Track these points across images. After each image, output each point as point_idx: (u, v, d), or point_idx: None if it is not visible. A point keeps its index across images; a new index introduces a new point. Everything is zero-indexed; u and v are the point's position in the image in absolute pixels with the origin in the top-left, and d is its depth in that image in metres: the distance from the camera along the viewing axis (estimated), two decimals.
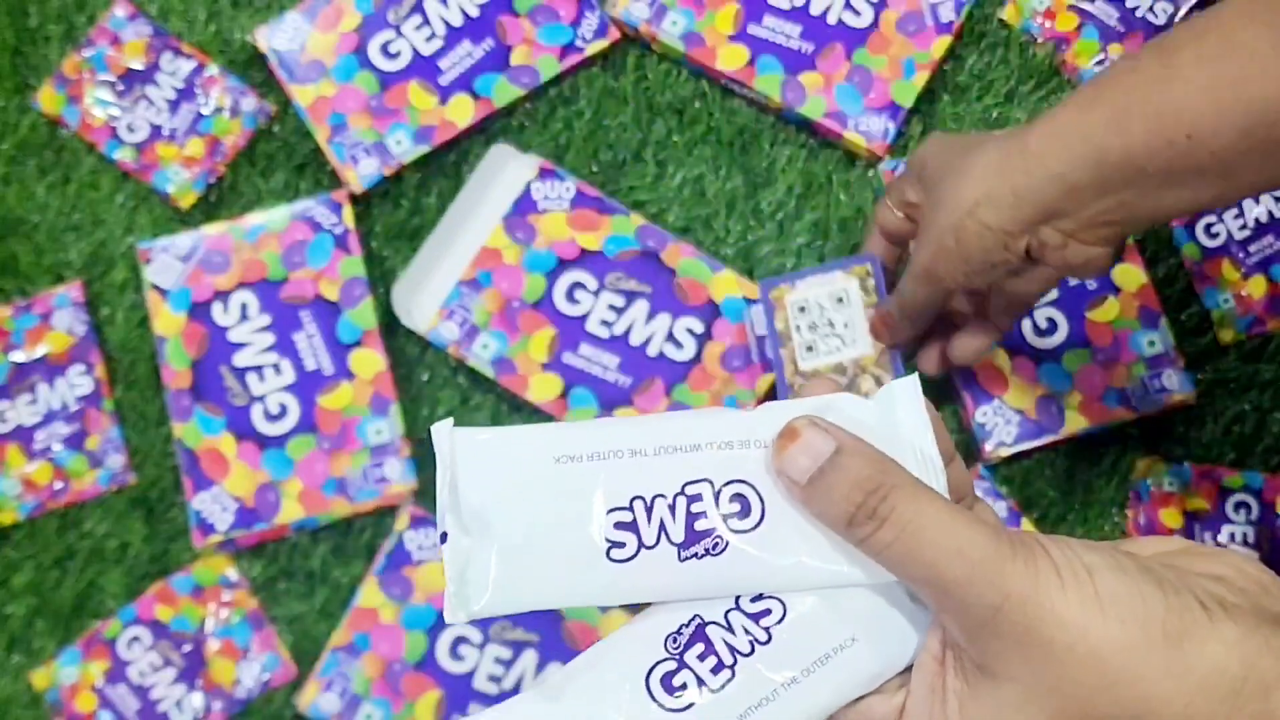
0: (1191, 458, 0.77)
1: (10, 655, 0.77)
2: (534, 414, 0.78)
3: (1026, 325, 0.77)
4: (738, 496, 0.34)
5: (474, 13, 0.82)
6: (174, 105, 0.82)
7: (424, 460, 0.78)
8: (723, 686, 0.33)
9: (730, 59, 0.81)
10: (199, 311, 0.78)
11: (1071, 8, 0.83)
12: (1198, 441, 0.77)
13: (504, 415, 0.79)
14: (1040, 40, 0.83)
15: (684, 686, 0.33)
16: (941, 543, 0.31)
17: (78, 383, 0.79)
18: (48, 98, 0.82)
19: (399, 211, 0.81)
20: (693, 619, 0.34)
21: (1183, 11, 0.82)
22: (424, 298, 0.78)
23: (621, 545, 0.33)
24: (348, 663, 0.74)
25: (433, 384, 0.79)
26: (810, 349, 0.71)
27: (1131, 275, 0.78)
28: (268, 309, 0.78)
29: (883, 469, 0.32)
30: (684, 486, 0.34)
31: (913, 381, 0.35)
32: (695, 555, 0.33)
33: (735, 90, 0.82)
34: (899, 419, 0.35)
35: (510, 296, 0.77)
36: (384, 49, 0.82)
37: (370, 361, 0.77)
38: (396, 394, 0.77)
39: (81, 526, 0.78)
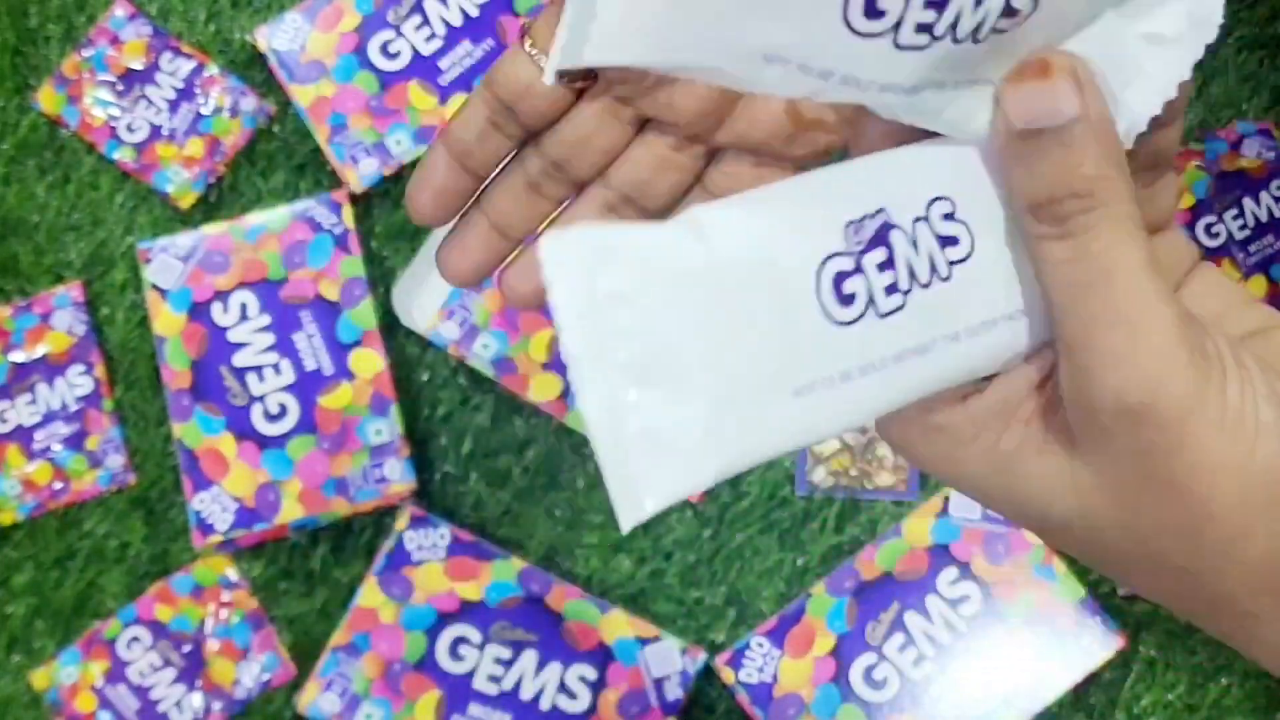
0: None
1: (10, 655, 0.77)
2: (534, 414, 0.78)
3: None
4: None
5: (474, 13, 0.82)
6: (174, 105, 0.82)
7: (423, 460, 0.78)
8: (889, 313, 0.27)
9: None
10: (199, 311, 0.78)
11: None
12: None
13: (504, 415, 0.79)
14: None
15: (853, 298, 0.26)
16: (1117, 302, 0.25)
17: (77, 383, 0.79)
18: (48, 98, 0.82)
19: (399, 212, 0.81)
20: (879, 211, 0.27)
21: None
22: (424, 298, 0.78)
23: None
24: (347, 663, 0.74)
25: (433, 384, 0.79)
26: None
27: None
28: (268, 309, 0.78)
29: (1110, 173, 0.25)
30: None
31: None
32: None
33: None
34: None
35: None
36: (384, 49, 0.82)
37: (370, 361, 0.77)
38: (396, 394, 0.77)
39: (81, 526, 0.78)
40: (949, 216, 0.27)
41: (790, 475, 0.78)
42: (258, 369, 0.77)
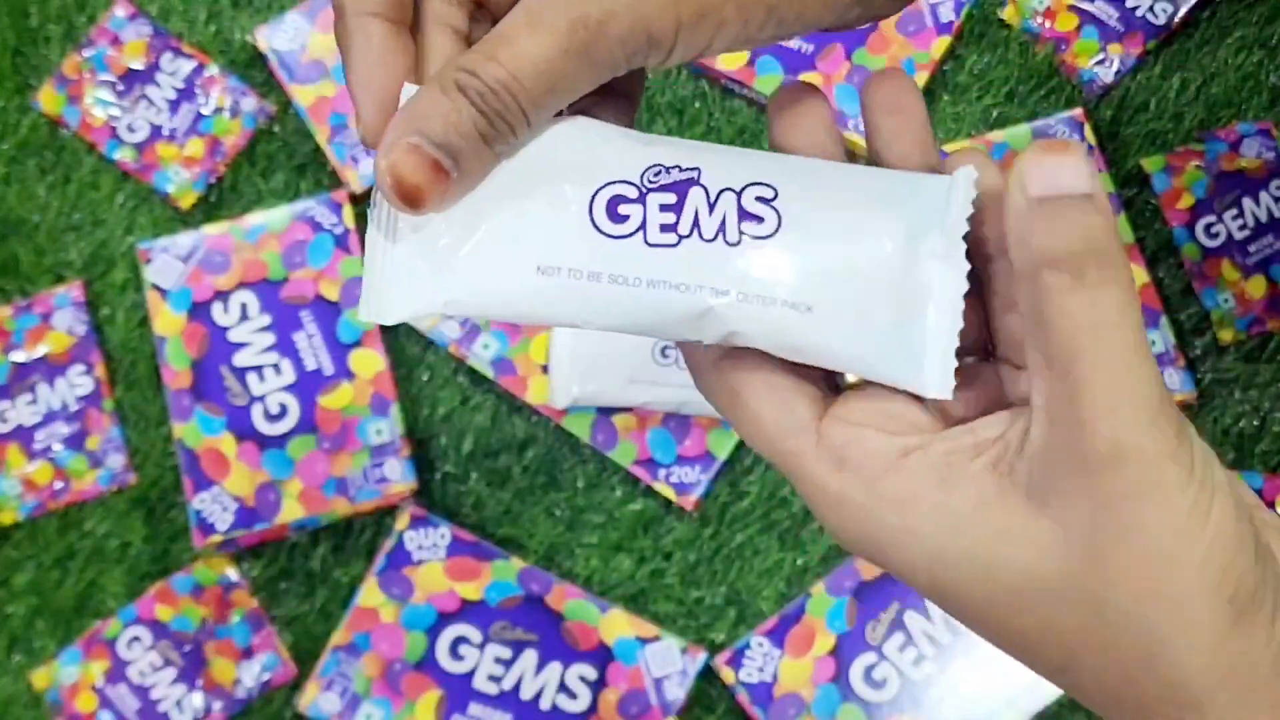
0: None
1: (11, 655, 0.77)
2: (534, 414, 0.78)
3: None
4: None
5: None
6: (174, 105, 0.82)
7: (424, 460, 0.78)
8: (658, 245, 0.30)
9: (730, 59, 0.81)
10: (199, 311, 0.78)
11: (1071, 8, 0.83)
12: None
13: (504, 415, 0.79)
14: (1040, 40, 0.83)
15: (626, 219, 0.30)
16: (1120, 351, 0.26)
17: (78, 383, 0.79)
18: (48, 98, 0.82)
19: None
20: (692, 169, 0.30)
21: (1182, 11, 0.82)
22: None
23: None
24: (348, 662, 0.74)
25: (433, 384, 0.79)
26: None
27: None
28: (268, 309, 0.78)
29: (1118, 243, 0.27)
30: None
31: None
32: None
33: (735, 90, 0.82)
34: None
35: None
36: None
37: (370, 361, 0.77)
38: (397, 394, 0.77)
39: (82, 526, 0.78)
40: (764, 200, 0.30)
41: None
42: (258, 369, 0.77)
